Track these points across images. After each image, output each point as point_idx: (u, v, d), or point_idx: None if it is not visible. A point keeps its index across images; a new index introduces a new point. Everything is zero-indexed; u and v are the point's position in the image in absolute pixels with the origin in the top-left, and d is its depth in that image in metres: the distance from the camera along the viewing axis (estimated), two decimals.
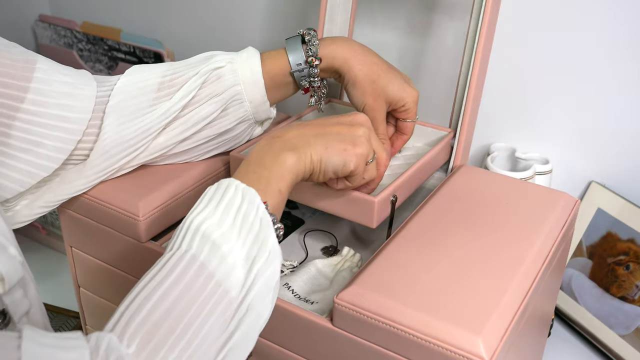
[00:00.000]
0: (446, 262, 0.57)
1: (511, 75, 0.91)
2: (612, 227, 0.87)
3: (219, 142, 0.71)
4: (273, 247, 0.49)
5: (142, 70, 0.67)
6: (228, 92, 0.67)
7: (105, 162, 0.65)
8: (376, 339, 0.53)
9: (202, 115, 0.67)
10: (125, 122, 0.64)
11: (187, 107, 0.66)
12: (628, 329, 0.83)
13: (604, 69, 0.84)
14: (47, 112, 0.60)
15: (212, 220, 0.47)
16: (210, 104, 0.67)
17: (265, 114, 0.71)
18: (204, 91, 0.66)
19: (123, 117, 0.64)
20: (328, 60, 0.69)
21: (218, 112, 0.67)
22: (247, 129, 0.72)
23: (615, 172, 0.89)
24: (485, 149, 0.96)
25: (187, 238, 0.47)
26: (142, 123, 0.65)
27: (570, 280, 0.91)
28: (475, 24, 0.73)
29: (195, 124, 0.67)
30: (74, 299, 0.81)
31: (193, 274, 0.45)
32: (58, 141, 0.61)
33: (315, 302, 0.63)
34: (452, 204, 0.66)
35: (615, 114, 0.86)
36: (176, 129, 0.67)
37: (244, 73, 0.67)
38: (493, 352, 0.48)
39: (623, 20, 0.81)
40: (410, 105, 0.70)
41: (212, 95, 0.67)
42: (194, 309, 0.44)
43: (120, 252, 0.69)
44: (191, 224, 0.48)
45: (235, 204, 0.49)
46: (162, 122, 0.65)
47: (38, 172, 0.61)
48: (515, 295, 0.54)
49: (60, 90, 0.61)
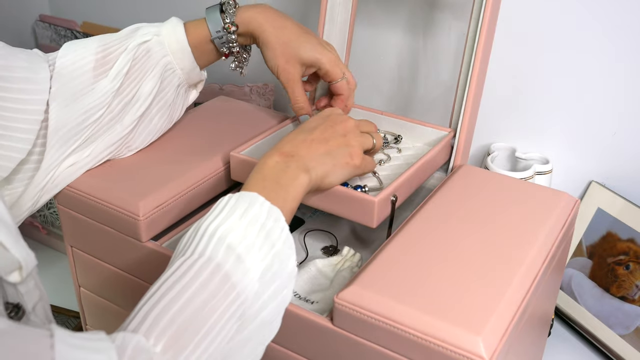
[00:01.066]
0: (446, 261, 0.57)
1: (511, 75, 0.91)
2: (612, 227, 0.87)
3: (163, 116, 0.74)
4: (292, 269, 0.51)
5: (75, 49, 0.68)
6: (160, 64, 0.70)
7: (61, 147, 0.66)
8: (376, 338, 0.53)
9: (146, 92, 0.69)
10: (69, 104, 0.66)
11: (126, 86, 0.68)
12: (628, 329, 0.83)
13: (604, 69, 0.84)
14: (11, 97, 0.61)
15: (237, 233, 0.49)
16: (148, 80, 0.69)
17: (197, 77, 0.75)
18: (138, 67, 0.69)
19: (65, 100, 0.66)
20: (243, 26, 0.73)
21: (158, 85, 0.70)
22: (183, 95, 0.76)
23: (615, 172, 0.89)
24: (485, 149, 0.96)
25: (210, 246, 0.48)
26: (85, 103, 0.66)
27: (570, 280, 0.91)
28: (475, 24, 0.73)
29: (144, 101, 0.69)
30: (74, 299, 0.81)
31: (217, 282, 0.47)
32: (25, 123, 0.62)
33: (315, 302, 0.64)
34: (452, 204, 0.66)
35: (615, 114, 0.86)
36: (128, 113, 0.69)
37: (171, 44, 0.71)
38: (493, 351, 0.48)
39: (623, 21, 0.81)
40: (327, 67, 0.74)
41: (146, 71, 0.69)
42: (216, 315, 0.45)
43: (120, 252, 0.69)
44: (215, 232, 0.49)
45: (259, 220, 0.50)
46: (104, 100, 0.67)
47: (15, 155, 0.62)
48: (515, 295, 0.54)
49: (20, 75, 0.62)
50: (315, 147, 0.60)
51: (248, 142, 0.74)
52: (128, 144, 0.72)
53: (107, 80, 0.67)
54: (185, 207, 0.71)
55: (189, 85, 0.76)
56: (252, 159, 0.71)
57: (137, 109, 0.69)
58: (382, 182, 0.71)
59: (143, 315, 0.44)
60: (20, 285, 0.44)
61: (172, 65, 0.71)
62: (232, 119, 0.84)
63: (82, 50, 0.68)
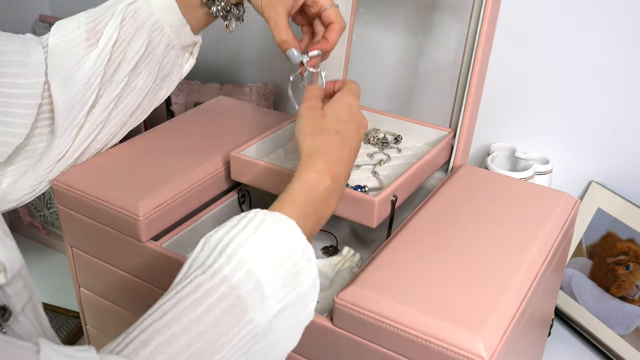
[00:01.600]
0: (446, 262, 0.57)
1: (511, 75, 0.91)
2: (612, 227, 0.87)
3: (151, 74, 0.72)
4: (311, 312, 0.50)
5: (65, 26, 0.68)
6: (148, 23, 0.69)
7: (71, 122, 0.66)
8: (376, 338, 0.53)
9: (134, 50, 0.68)
10: (67, 81, 0.66)
11: (116, 49, 0.67)
12: (628, 329, 0.83)
13: (604, 68, 0.84)
14: (5, 82, 0.61)
15: (268, 266, 0.46)
16: (136, 39, 0.68)
17: (189, 38, 0.72)
18: (126, 29, 0.68)
19: (63, 78, 0.66)
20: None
21: (145, 45, 0.69)
22: (176, 59, 0.73)
23: (615, 172, 0.89)
24: (485, 149, 0.96)
25: (238, 274, 0.45)
26: (81, 76, 0.66)
27: (570, 280, 0.91)
28: (475, 24, 0.73)
29: (132, 58, 0.68)
30: (74, 299, 0.81)
31: (234, 317, 0.44)
32: (22, 108, 0.62)
33: (315, 302, 0.63)
34: (452, 204, 0.66)
35: (615, 114, 0.86)
36: (118, 73, 0.68)
37: (157, 2, 0.69)
38: (493, 351, 0.48)
39: (623, 21, 0.81)
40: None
41: (134, 30, 0.68)
42: (220, 343, 0.43)
43: (120, 252, 0.69)
44: (245, 259, 0.46)
45: (293, 257, 0.48)
46: (98, 67, 0.66)
47: (12, 141, 0.62)
48: (515, 295, 0.54)
49: (13, 59, 0.62)
50: (347, 158, 0.57)
51: (248, 142, 0.74)
52: (121, 105, 0.70)
53: (98, 50, 0.67)
54: (185, 207, 0.71)
55: (182, 47, 0.73)
56: (252, 159, 0.71)
57: (125, 67, 0.68)
58: (382, 182, 0.71)
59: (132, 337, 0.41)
60: (7, 287, 0.43)
61: (160, 24, 0.69)
62: (232, 119, 0.84)
63: (72, 24, 0.68)
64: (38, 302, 0.48)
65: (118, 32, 0.67)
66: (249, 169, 0.71)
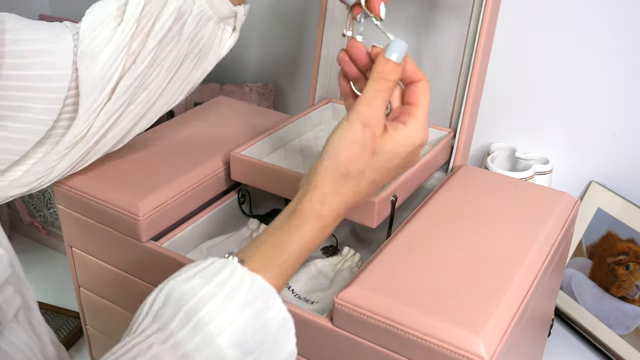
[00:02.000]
0: (446, 262, 0.57)
1: (511, 75, 0.91)
2: (612, 227, 0.87)
3: (194, 58, 0.65)
4: None
5: (97, 5, 0.63)
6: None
7: (94, 102, 0.60)
8: (376, 339, 0.53)
9: (160, 24, 0.61)
10: (93, 59, 0.60)
11: (142, 21, 0.61)
12: (628, 329, 0.83)
13: (604, 68, 0.84)
14: (27, 75, 0.56)
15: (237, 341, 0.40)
16: (165, 9, 0.61)
17: (225, 6, 0.64)
18: (156, 1, 0.61)
19: (91, 58, 0.60)
20: None
21: (173, 16, 0.61)
22: (214, 34, 0.66)
23: (615, 172, 0.89)
24: (485, 149, 0.96)
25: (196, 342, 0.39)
26: (107, 53, 0.60)
27: (570, 280, 0.91)
28: (475, 24, 0.73)
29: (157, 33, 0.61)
30: (74, 299, 0.81)
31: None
32: (44, 102, 0.58)
33: (315, 302, 0.64)
34: (452, 204, 0.66)
35: (615, 114, 0.86)
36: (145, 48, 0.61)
37: None
38: (493, 352, 0.48)
39: (623, 21, 0.81)
40: None
41: (163, 3, 0.61)
42: None
43: (120, 252, 0.69)
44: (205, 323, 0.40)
45: (269, 331, 0.42)
46: (122, 42, 0.60)
47: (30, 138, 0.58)
48: (515, 295, 0.54)
49: (36, 48, 0.57)
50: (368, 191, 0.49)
51: (248, 142, 0.74)
52: (147, 84, 0.63)
53: (123, 23, 0.60)
54: (185, 207, 0.71)
55: (220, 19, 0.65)
56: (252, 159, 0.71)
57: (151, 41, 0.61)
58: None
59: None
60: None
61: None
62: (232, 119, 0.84)
63: (105, 2, 0.62)
64: (33, 306, 0.46)
65: (144, 3, 0.60)
66: (249, 169, 0.71)
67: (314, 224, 0.46)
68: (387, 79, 0.48)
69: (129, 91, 0.62)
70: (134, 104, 0.63)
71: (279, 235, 0.46)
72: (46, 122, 0.58)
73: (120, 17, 0.61)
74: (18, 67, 0.55)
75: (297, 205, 0.47)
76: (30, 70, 0.56)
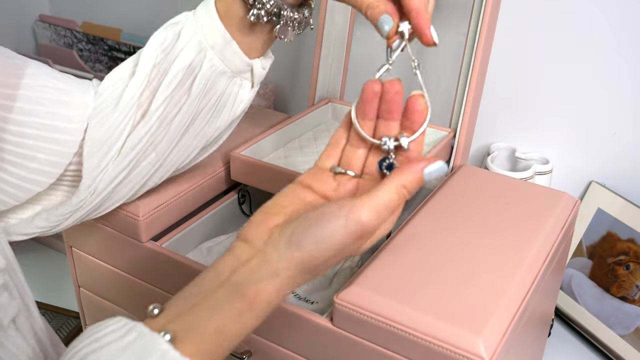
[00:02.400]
0: (446, 262, 0.57)
1: (511, 76, 0.91)
2: (612, 227, 0.87)
3: (206, 114, 0.60)
4: None
5: (124, 63, 0.60)
6: (191, 44, 0.56)
7: (98, 164, 0.57)
8: (376, 338, 0.53)
9: (170, 77, 0.56)
10: (105, 116, 0.57)
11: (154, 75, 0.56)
12: (628, 329, 0.83)
13: (604, 69, 0.84)
14: (37, 122, 0.54)
15: None
16: (176, 62, 0.56)
17: (239, 59, 0.57)
18: (167, 51, 0.56)
19: (102, 114, 0.57)
20: None
21: (184, 69, 0.56)
22: (228, 87, 0.59)
23: (615, 172, 0.88)
24: (485, 149, 0.96)
25: None
26: (115, 114, 0.57)
27: (570, 280, 0.91)
28: (475, 24, 0.73)
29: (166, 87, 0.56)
30: (74, 299, 0.81)
31: None
32: (52, 154, 0.55)
33: (315, 302, 0.64)
34: (452, 204, 0.66)
35: (615, 114, 0.85)
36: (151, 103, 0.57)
37: (201, 17, 0.56)
38: (493, 352, 0.48)
39: (623, 21, 0.81)
40: None
41: (176, 52, 0.56)
42: None
43: (120, 252, 0.69)
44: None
45: None
46: (132, 98, 0.56)
47: (32, 188, 0.55)
48: (515, 295, 0.54)
49: (52, 97, 0.55)
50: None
51: (248, 142, 0.74)
52: (156, 142, 0.58)
53: (134, 79, 0.57)
54: (185, 207, 0.71)
55: (235, 72, 0.58)
56: (252, 159, 0.71)
57: (160, 95, 0.56)
58: None
59: None
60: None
61: (202, 45, 0.56)
62: None
63: (128, 60, 0.59)
64: (33, 310, 0.46)
65: (157, 56, 0.56)
66: (249, 169, 0.71)
67: (265, 313, 0.41)
68: (407, 195, 0.43)
69: (137, 148, 0.57)
70: (142, 165, 0.59)
71: (222, 317, 0.40)
72: (51, 175, 0.56)
73: (134, 69, 0.58)
74: (31, 114, 0.53)
75: (247, 287, 0.40)
76: (42, 118, 0.54)
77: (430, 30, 0.47)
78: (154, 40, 0.57)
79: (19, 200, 0.56)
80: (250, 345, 0.61)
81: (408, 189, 0.42)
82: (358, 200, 0.41)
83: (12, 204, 0.56)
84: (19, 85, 0.53)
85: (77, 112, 0.57)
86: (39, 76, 0.55)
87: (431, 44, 0.47)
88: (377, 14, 0.47)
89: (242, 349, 0.62)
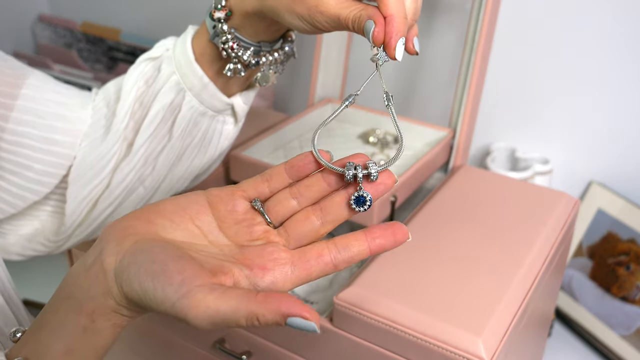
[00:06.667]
0: (446, 262, 0.57)
1: (511, 75, 0.91)
2: (612, 227, 0.87)
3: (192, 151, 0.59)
4: None
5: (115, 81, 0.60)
6: (169, 84, 0.56)
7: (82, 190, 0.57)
8: (376, 339, 0.53)
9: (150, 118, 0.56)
10: (95, 139, 0.58)
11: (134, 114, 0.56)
12: (629, 330, 0.83)
13: (604, 68, 0.84)
14: (34, 133, 0.54)
15: None
16: (154, 104, 0.56)
17: (217, 101, 0.56)
18: (148, 89, 0.56)
19: (93, 140, 0.58)
20: (238, 6, 0.50)
21: (162, 111, 0.56)
22: (212, 125, 0.58)
23: (615, 172, 0.88)
24: (485, 149, 0.96)
25: None
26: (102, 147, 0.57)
27: (571, 281, 0.90)
28: (475, 24, 0.73)
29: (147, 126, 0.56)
30: None
31: None
32: (48, 165, 0.56)
33: (315, 302, 0.63)
34: (452, 204, 0.66)
35: (615, 114, 0.85)
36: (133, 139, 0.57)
37: (178, 57, 0.55)
38: (493, 352, 0.48)
39: (623, 21, 0.81)
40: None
41: (153, 97, 0.56)
42: None
43: None
44: None
45: None
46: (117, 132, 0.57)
47: (29, 196, 0.56)
48: (515, 295, 0.54)
49: (50, 110, 0.56)
50: None
51: (248, 142, 0.74)
52: (142, 178, 0.58)
53: (119, 107, 0.57)
54: None
55: (216, 111, 0.57)
56: (252, 159, 0.70)
57: (143, 134, 0.56)
58: None
59: None
60: None
61: (181, 86, 0.55)
62: None
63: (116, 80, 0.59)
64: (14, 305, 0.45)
65: (138, 88, 0.56)
66: (249, 169, 0.71)
67: (110, 332, 0.38)
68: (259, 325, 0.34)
69: (124, 184, 0.57)
70: (130, 199, 0.59)
71: (68, 336, 0.36)
72: (48, 185, 0.57)
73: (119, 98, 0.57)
74: (27, 123, 0.54)
75: (84, 302, 0.37)
76: (39, 130, 0.55)
77: (396, 42, 0.42)
78: (134, 69, 0.57)
79: (16, 208, 0.57)
80: (250, 345, 0.61)
81: (261, 322, 0.33)
82: (201, 292, 0.33)
83: (10, 212, 0.57)
84: (17, 96, 0.54)
85: (75, 126, 0.57)
86: (40, 87, 0.56)
87: (393, 58, 0.43)
88: (362, 23, 0.44)
89: (242, 349, 0.62)
